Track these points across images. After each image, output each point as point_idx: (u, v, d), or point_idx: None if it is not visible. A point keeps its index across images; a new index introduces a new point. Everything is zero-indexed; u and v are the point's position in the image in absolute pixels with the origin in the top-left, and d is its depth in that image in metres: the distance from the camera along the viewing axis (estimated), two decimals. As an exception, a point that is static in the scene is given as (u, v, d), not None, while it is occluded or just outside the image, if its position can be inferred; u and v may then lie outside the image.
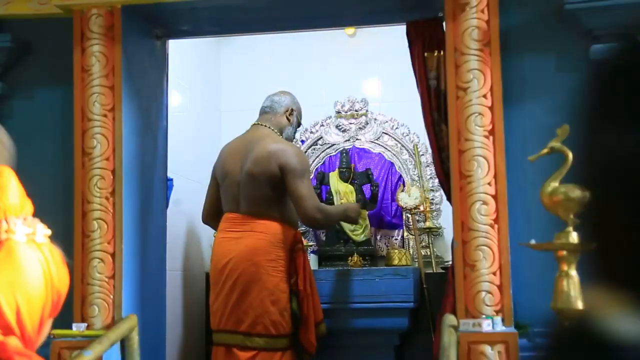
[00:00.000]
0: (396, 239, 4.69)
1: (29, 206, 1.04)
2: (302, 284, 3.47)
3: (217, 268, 3.58)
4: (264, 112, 3.82)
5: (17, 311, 0.98)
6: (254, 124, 3.81)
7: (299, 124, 3.88)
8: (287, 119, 3.79)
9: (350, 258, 4.27)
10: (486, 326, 2.73)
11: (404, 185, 4.63)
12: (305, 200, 3.46)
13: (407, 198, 4.40)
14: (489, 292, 2.79)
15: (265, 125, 3.75)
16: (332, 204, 4.50)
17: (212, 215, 3.79)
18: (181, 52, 4.10)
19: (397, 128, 4.79)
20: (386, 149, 4.77)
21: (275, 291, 3.47)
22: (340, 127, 4.86)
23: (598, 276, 0.67)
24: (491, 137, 2.85)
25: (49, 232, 1.04)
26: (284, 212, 3.56)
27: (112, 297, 3.03)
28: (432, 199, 4.63)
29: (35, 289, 1.00)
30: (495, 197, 2.83)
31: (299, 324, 3.51)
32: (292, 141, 3.82)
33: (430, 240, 4.50)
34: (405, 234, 4.67)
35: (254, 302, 3.45)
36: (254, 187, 3.56)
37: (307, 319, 3.49)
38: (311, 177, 3.64)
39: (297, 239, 3.59)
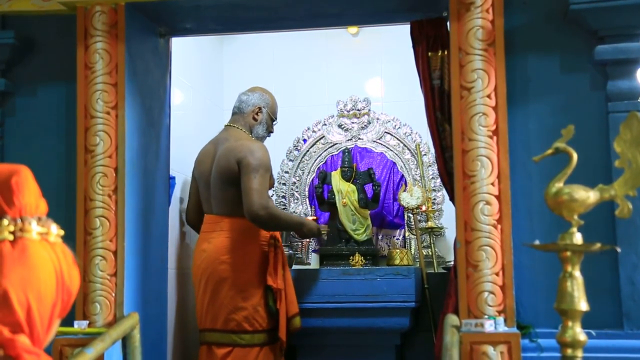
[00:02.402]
0: (398, 239, 4.69)
1: (43, 206, 1.04)
2: (270, 280, 3.50)
3: (194, 269, 3.67)
4: (234, 112, 3.86)
5: (27, 309, 0.98)
6: (226, 125, 3.85)
7: (272, 120, 3.87)
8: (255, 118, 3.80)
9: (351, 257, 4.27)
10: (488, 326, 2.73)
11: (406, 185, 4.62)
12: (251, 195, 3.45)
13: (409, 198, 4.40)
14: (492, 293, 2.79)
15: (235, 126, 3.78)
16: (334, 203, 4.50)
17: (194, 217, 3.82)
18: (184, 50, 4.09)
19: (399, 128, 4.79)
20: (388, 148, 4.77)
21: (246, 287, 3.50)
22: (342, 126, 4.85)
23: None
24: (495, 137, 2.84)
25: (62, 232, 1.04)
26: None
27: (113, 294, 3.03)
28: (434, 199, 4.62)
29: (46, 288, 1.00)
30: (498, 197, 2.82)
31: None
32: (263, 139, 3.82)
33: (431, 240, 4.50)
34: (407, 233, 4.67)
35: (225, 299, 3.51)
36: (220, 186, 3.61)
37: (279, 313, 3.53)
38: (269, 175, 3.59)
39: (271, 234, 3.61)
